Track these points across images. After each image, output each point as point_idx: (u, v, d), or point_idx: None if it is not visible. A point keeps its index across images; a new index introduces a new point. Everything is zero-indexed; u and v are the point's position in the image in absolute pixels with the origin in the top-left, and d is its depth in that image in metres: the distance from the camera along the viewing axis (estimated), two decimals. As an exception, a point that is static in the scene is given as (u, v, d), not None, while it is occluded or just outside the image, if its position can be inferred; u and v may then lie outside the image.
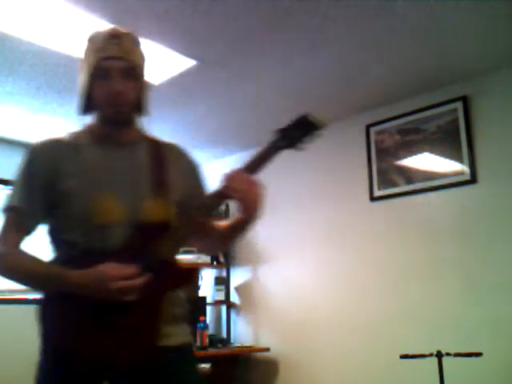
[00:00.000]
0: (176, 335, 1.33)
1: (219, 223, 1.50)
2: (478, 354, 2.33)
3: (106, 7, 2.34)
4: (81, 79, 1.36)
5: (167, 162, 1.41)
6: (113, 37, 1.30)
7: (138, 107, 1.40)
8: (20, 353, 3.66)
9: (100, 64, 1.29)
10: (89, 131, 1.40)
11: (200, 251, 1.42)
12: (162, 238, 1.27)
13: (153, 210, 1.32)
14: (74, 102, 3.66)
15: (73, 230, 1.29)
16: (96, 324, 1.22)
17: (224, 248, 1.48)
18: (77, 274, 1.22)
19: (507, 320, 2.76)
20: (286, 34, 2.60)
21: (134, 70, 1.33)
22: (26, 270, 1.29)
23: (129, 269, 1.21)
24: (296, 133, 1.43)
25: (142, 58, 1.38)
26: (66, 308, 1.25)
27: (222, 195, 1.32)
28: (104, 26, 2.46)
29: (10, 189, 1.36)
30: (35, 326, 1.29)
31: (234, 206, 4.46)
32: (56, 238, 1.34)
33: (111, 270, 1.20)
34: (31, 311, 1.27)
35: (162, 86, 3.13)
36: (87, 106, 1.38)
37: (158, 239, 1.27)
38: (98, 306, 1.22)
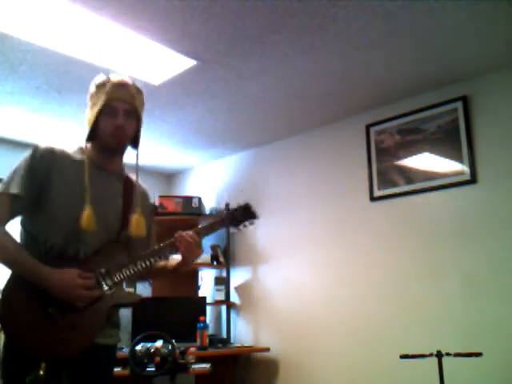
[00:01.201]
0: (114, 336, 1.69)
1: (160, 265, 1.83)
2: (478, 354, 2.33)
3: (106, 7, 2.34)
4: (88, 114, 1.67)
5: (135, 200, 1.74)
6: (122, 84, 1.64)
7: (133, 141, 1.75)
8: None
9: (109, 103, 1.61)
10: (85, 153, 1.68)
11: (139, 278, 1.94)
12: (118, 259, 1.62)
13: (117, 234, 1.66)
14: (74, 101, 3.67)
15: (52, 233, 1.55)
16: (45, 315, 1.49)
17: (155, 278, 1.96)
18: (49, 271, 1.48)
19: (507, 320, 2.76)
20: (286, 34, 2.60)
21: (134, 113, 1.67)
22: (6, 250, 1.53)
23: (89, 281, 1.52)
24: (240, 217, 1.83)
25: (142, 104, 1.72)
26: (23, 300, 1.50)
27: (172, 245, 1.70)
28: (103, 24, 2.46)
29: (11, 175, 1.57)
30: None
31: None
32: (31, 236, 1.58)
33: (76, 276, 1.49)
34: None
35: (162, 85, 3.13)
36: (91, 136, 1.67)
37: (115, 259, 1.62)
38: (53, 303, 1.49)
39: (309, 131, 3.99)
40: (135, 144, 1.77)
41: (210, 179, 4.75)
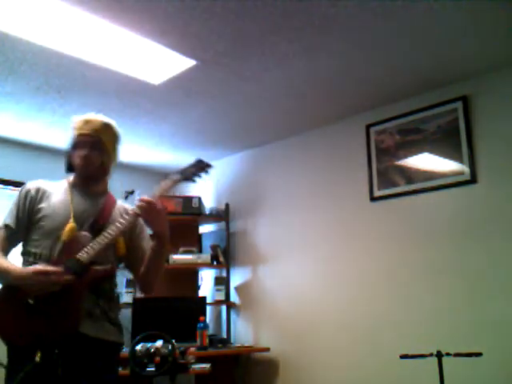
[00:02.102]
0: (111, 333, 1.82)
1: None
2: (478, 354, 2.33)
3: (106, 7, 2.34)
4: (67, 148, 1.96)
5: (112, 214, 1.92)
6: (87, 121, 1.92)
7: (103, 170, 1.95)
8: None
9: (75, 138, 1.92)
10: (68, 181, 1.97)
11: (141, 283, 2.06)
12: (85, 248, 1.75)
13: (70, 232, 1.82)
14: (74, 101, 3.67)
15: (41, 244, 1.80)
16: (29, 310, 1.68)
17: (152, 274, 2.00)
18: (19, 269, 1.74)
19: (507, 320, 2.76)
20: (286, 35, 2.60)
21: (99, 144, 1.90)
22: None
23: (54, 268, 1.69)
24: (191, 170, 1.95)
25: (110, 136, 1.95)
26: (6, 299, 1.73)
27: (132, 213, 1.82)
28: (103, 24, 2.46)
29: (8, 211, 1.89)
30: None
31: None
32: (26, 249, 1.84)
33: (40, 267, 1.69)
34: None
35: (161, 85, 3.13)
36: (69, 167, 1.97)
37: (82, 249, 1.76)
38: (31, 298, 1.69)
39: (309, 131, 3.99)
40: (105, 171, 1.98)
41: (209, 179, 4.74)
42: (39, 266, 1.70)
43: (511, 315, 2.76)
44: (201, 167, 1.98)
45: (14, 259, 1.85)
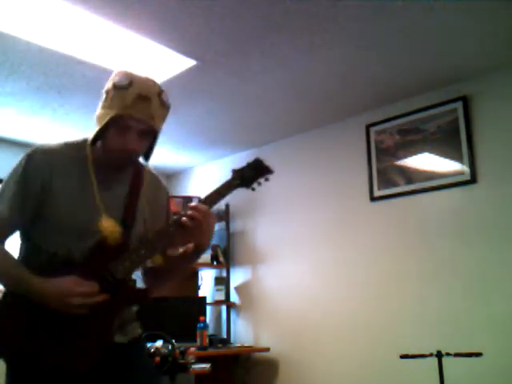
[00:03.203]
0: (127, 334, 1.47)
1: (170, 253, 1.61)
2: (478, 354, 2.33)
3: (106, 7, 2.34)
4: (99, 114, 1.42)
5: (142, 192, 1.52)
6: (143, 98, 1.35)
7: (145, 156, 1.52)
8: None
9: (123, 118, 1.35)
10: (86, 150, 1.45)
11: (149, 285, 1.63)
12: (120, 259, 1.37)
13: (115, 233, 1.41)
14: (74, 101, 3.66)
15: (55, 239, 1.37)
16: (50, 331, 1.31)
17: (171, 279, 1.66)
18: (39, 282, 1.30)
19: (507, 320, 2.76)
20: (286, 34, 2.60)
21: (152, 132, 1.42)
22: None
23: (89, 286, 1.31)
24: (250, 174, 1.56)
25: (164, 120, 1.47)
26: (22, 314, 1.33)
27: (179, 223, 1.41)
28: (103, 24, 2.46)
29: (1, 189, 1.39)
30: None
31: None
32: (33, 245, 1.40)
33: (73, 285, 1.29)
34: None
35: (161, 85, 3.13)
36: (98, 138, 1.42)
37: (118, 258, 1.37)
38: (53, 314, 1.30)
39: (309, 131, 3.99)
40: (146, 157, 1.54)
41: (210, 179, 4.74)
42: (73, 284, 1.29)
43: (511, 315, 2.76)
44: (261, 171, 1.59)
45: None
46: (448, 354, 2.35)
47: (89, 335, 1.33)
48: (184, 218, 1.39)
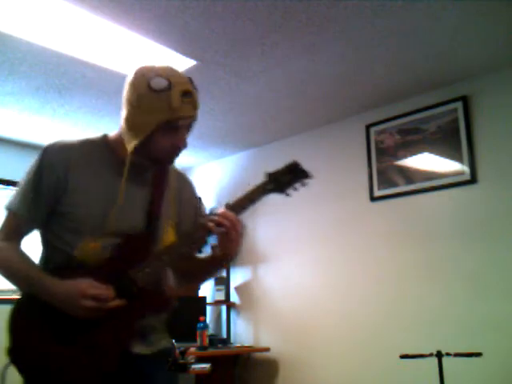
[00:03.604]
0: (151, 345, 1.37)
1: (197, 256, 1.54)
2: (478, 354, 2.33)
3: (105, 7, 2.34)
4: (136, 119, 1.29)
5: (167, 191, 1.44)
6: (187, 94, 1.28)
7: None
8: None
9: (173, 121, 1.28)
10: (112, 149, 1.37)
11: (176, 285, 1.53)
12: (142, 264, 1.30)
13: (139, 237, 1.35)
14: (74, 101, 3.65)
15: (74, 239, 1.30)
16: (63, 339, 1.24)
17: (195, 283, 1.57)
18: (53, 282, 1.25)
19: (507, 320, 2.76)
20: (286, 34, 2.60)
21: (192, 126, 1.37)
22: (7, 265, 1.32)
23: (104, 290, 1.24)
24: (286, 178, 1.46)
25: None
26: (35, 318, 1.27)
27: (205, 228, 1.34)
28: (103, 24, 2.46)
29: (16, 188, 1.35)
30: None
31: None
32: (51, 245, 1.35)
33: (88, 287, 1.22)
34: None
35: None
36: (139, 147, 1.31)
37: (138, 264, 1.30)
38: (67, 321, 1.24)
39: (309, 131, 3.99)
40: None
41: (209, 179, 4.74)
42: (87, 286, 1.23)
43: (511, 315, 2.76)
44: (297, 176, 1.48)
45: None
46: (448, 354, 2.35)
47: (105, 344, 1.26)
48: (210, 224, 1.33)
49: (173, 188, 1.46)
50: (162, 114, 1.26)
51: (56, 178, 1.30)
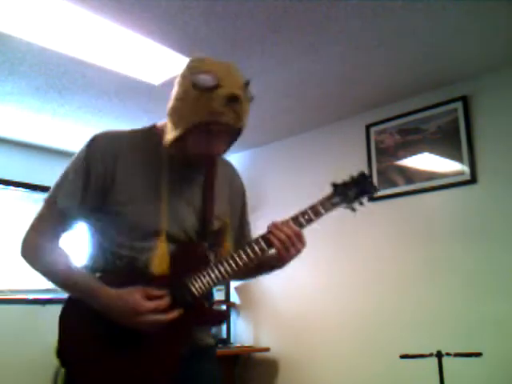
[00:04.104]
0: (200, 342, 1.33)
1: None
2: (478, 354, 2.33)
3: (106, 7, 2.34)
4: (181, 110, 1.23)
5: (218, 187, 1.38)
6: (233, 100, 1.19)
7: None
8: (20, 353, 3.66)
9: (211, 124, 1.20)
10: (160, 140, 1.31)
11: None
12: (199, 273, 1.25)
13: (195, 245, 1.30)
14: (74, 101, 3.65)
15: (121, 240, 1.25)
16: (114, 347, 1.19)
17: (237, 280, 1.56)
18: (107, 294, 1.17)
19: (507, 320, 2.76)
20: (286, 34, 2.60)
21: (237, 135, 1.31)
22: (56, 274, 1.24)
23: (161, 301, 1.18)
24: (353, 191, 1.42)
25: (248, 115, 1.29)
26: (85, 322, 1.21)
27: (265, 239, 1.31)
28: (103, 24, 2.46)
29: (62, 177, 1.27)
30: (35, 326, 1.27)
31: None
32: (99, 244, 1.28)
33: (142, 300, 1.15)
34: (31, 311, 1.26)
35: (162, 85, 3.13)
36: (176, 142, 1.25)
37: (195, 272, 1.25)
38: (117, 330, 1.18)
39: (309, 131, 3.99)
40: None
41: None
42: (143, 297, 1.16)
43: (511, 315, 2.76)
44: (365, 189, 1.43)
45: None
46: (448, 354, 2.35)
47: (157, 356, 1.20)
48: (274, 239, 1.29)
49: (222, 182, 1.40)
50: (199, 115, 1.19)
51: (104, 169, 1.24)
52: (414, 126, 3.34)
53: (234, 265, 1.26)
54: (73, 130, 3.82)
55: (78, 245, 1.35)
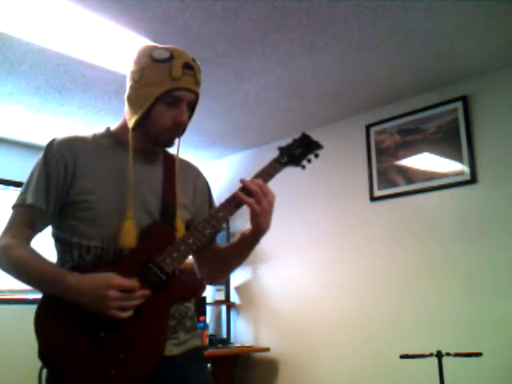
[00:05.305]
0: (187, 343, 1.34)
1: (223, 246, 1.52)
2: (478, 354, 2.33)
3: (106, 7, 2.34)
4: (139, 92, 1.30)
5: (182, 184, 1.44)
6: (189, 67, 1.29)
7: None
8: (20, 353, 3.66)
9: (173, 92, 1.27)
10: (117, 138, 1.38)
11: (204, 276, 1.50)
12: (165, 251, 1.25)
13: (160, 225, 1.33)
14: (74, 101, 3.65)
15: (88, 234, 1.26)
16: (93, 340, 1.18)
17: (227, 270, 1.55)
18: (75, 277, 1.18)
19: (507, 320, 2.76)
20: (286, 34, 2.60)
21: (195, 102, 1.37)
22: (23, 265, 1.25)
23: (130, 282, 1.18)
24: (298, 150, 1.48)
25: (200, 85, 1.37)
26: (61, 319, 1.21)
27: (234, 200, 1.31)
28: (103, 24, 2.46)
29: (25, 184, 1.32)
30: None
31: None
32: (65, 242, 1.30)
33: (113, 278, 1.16)
34: (31, 311, 1.26)
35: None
36: (140, 123, 1.31)
37: (163, 248, 1.25)
38: (96, 320, 1.18)
39: (309, 131, 3.96)
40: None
41: (209, 179, 4.73)
42: (113, 276, 1.17)
43: (511, 315, 2.76)
44: (309, 147, 1.52)
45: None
46: (448, 354, 2.35)
47: (136, 345, 1.19)
48: (240, 194, 1.29)
49: (184, 176, 1.47)
50: (162, 84, 1.26)
51: (64, 166, 1.29)
52: (414, 126, 3.34)
53: (200, 235, 1.27)
54: (73, 129, 3.82)
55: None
